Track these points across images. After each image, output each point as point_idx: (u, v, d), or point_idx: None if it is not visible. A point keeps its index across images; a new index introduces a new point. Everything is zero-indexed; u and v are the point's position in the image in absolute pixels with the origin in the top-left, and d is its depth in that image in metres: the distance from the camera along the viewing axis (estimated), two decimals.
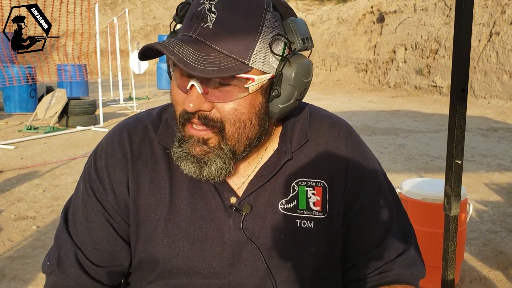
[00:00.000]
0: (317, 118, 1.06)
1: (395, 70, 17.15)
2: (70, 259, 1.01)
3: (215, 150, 0.89)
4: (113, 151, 1.01)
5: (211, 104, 0.87)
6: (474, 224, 4.15)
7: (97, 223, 1.01)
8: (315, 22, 22.87)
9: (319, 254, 1.01)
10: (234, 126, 0.88)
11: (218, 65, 0.81)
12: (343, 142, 1.03)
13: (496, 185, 5.39)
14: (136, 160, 1.00)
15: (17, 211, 4.53)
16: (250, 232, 0.97)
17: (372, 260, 1.04)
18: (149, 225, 0.99)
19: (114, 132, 1.04)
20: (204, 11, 0.83)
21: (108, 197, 1.00)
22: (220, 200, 0.98)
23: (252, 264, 0.98)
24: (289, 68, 0.87)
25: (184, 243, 0.97)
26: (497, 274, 3.26)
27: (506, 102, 12.38)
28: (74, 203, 1.05)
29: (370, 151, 1.09)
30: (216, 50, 0.83)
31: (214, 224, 0.97)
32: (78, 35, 11.65)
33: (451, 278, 1.77)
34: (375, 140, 8.07)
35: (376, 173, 1.06)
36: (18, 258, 3.51)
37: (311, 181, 1.00)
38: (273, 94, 0.89)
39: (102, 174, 1.00)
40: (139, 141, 1.01)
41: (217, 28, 0.82)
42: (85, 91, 14.19)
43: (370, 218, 1.04)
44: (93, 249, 1.01)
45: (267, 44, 0.85)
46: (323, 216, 0.99)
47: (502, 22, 13.52)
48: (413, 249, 1.07)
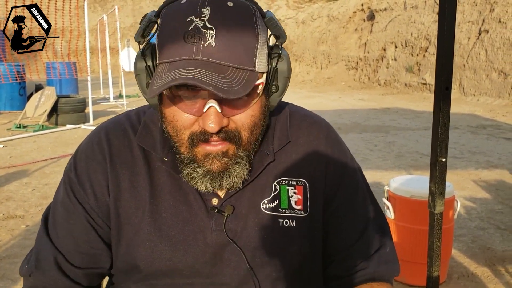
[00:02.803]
0: (297, 119, 1.07)
1: (385, 68, 17.21)
2: (49, 261, 1.00)
3: (234, 159, 0.90)
4: (92, 154, 1.00)
5: (227, 119, 0.87)
6: (462, 221, 4.19)
7: (78, 225, 1.00)
8: (305, 20, 22.87)
9: (302, 253, 1.01)
10: (250, 131, 0.90)
11: (240, 82, 0.81)
12: (322, 141, 1.05)
13: (484, 182, 5.43)
14: (115, 162, 0.99)
15: (6, 210, 4.50)
16: (232, 233, 0.98)
17: (350, 256, 1.06)
18: (130, 228, 0.98)
19: (94, 135, 1.04)
20: (198, 29, 0.81)
21: (89, 200, 0.99)
22: (202, 202, 0.98)
23: (234, 264, 0.98)
24: (281, 62, 0.91)
25: (166, 246, 0.97)
26: (485, 270, 3.29)
27: (495, 100, 12.47)
28: (55, 206, 1.04)
29: (348, 149, 1.11)
30: (228, 66, 0.82)
31: (196, 226, 0.97)
32: (67, 32, 11.58)
33: (436, 274, 1.79)
34: (365, 137, 8.10)
35: (354, 171, 1.09)
36: (7, 258, 3.49)
37: (292, 180, 1.01)
38: (273, 89, 0.92)
39: (82, 177, 0.99)
40: (118, 144, 1.01)
41: (220, 44, 0.81)
42: (74, 89, 14.13)
43: (349, 214, 1.06)
44: (74, 251, 1.00)
45: (265, 46, 0.88)
46: (304, 214, 1.01)
47: (491, 20, 13.60)
48: (389, 245, 1.09)
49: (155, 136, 1.00)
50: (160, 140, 0.99)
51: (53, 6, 9.23)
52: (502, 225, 4.11)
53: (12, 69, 10.97)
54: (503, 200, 4.77)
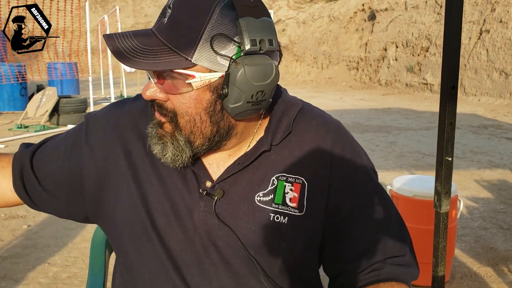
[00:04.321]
0: (308, 115, 1.04)
1: (386, 68, 17.21)
2: None
3: (168, 136, 0.94)
4: (114, 118, 1.08)
5: (166, 95, 0.91)
6: (465, 221, 4.18)
7: (55, 156, 1.08)
8: (306, 20, 22.88)
9: (292, 251, 0.99)
10: (184, 119, 0.91)
11: (157, 59, 0.85)
12: (329, 141, 1.01)
13: (486, 182, 5.43)
14: (129, 135, 1.05)
15: (8, 210, 4.50)
16: (222, 217, 0.97)
17: (363, 264, 1.01)
18: (127, 194, 1.01)
19: (126, 100, 1.12)
20: (166, 8, 0.89)
21: (83, 154, 1.05)
22: (197, 183, 0.98)
23: (224, 250, 0.97)
24: (236, 69, 0.85)
25: (162, 216, 0.99)
26: (488, 270, 3.29)
27: (496, 100, 12.46)
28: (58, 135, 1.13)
29: (364, 153, 1.07)
30: (163, 44, 0.86)
31: (186, 204, 0.98)
32: (68, 33, 11.59)
33: (441, 274, 1.78)
34: (367, 137, 8.10)
35: (368, 176, 1.04)
36: (9, 258, 3.49)
37: (291, 177, 0.98)
38: (222, 93, 0.88)
39: (91, 135, 1.06)
40: (137, 116, 1.07)
41: (168, 24, 0.87)
42: (76, 89, 14.12)
43: (361, 224, 1.01)
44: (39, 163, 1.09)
45: (217, 42, 0.85)
46: (299, 213, 0.98)
47: (492, 20, 13.60)
48: (409, 252, 1.04)
49: None
50: None
51: (55, 7, 9.24)
52: (505, 224, 4.11)
53: (13, 69, 10.98)
54: (505, 200, 4.76)
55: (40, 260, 3.44)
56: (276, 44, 0.89)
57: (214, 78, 0.87)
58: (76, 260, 3.47)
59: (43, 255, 3.53)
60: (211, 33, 0.84)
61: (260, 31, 0.85)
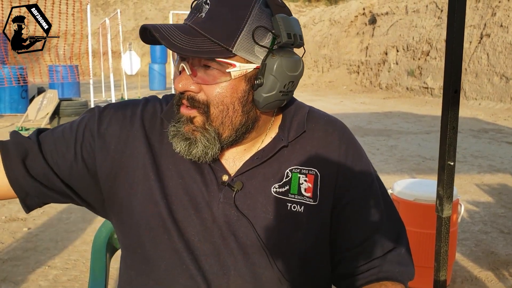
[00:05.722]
0: (315, 116, 1.11)
1: (387, 72, 17.22)
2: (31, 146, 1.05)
3: (199, 129, 0.96)
4: (124, 110, 1.09)
5: (199, 86, 0.94)
6: (466, 225, 4.18)
7: (64, 143, 1.05)
8: (307, 24, 22.91)
9: (307, 240, 1.03)
10: (218, 108, 0.94)
11: (200, 48, 0.89)
12: (336, 137, 1.09)
13: (487, 186, 5.43)
14: (147, 126, 1.07)
15: (8, 212, 4.50)
16: (240, 208, 1.01)
17: (361, 254, 1.06)
18: (146, 186, 1.02)
19: (136, 99, 1.14)
20: (201, 3, 0.93)
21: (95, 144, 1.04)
22: (214, 177, 1.02)
23: (243, 240, 1.00)
24: (273, 59, 0.93)
25: (179, 208, 1.01)
26: (488, 274, 3.28)
27: (497, 104, 12.46)
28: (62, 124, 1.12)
29: (364, 152, 1.13)
30: (203, 36, 0.90)
31: (206, 196, 1.01)
32: (70, 36, 11.62)
33: (443, 279, 1.78)
34: (367, 141, 8.10)
35: (367, 172, 1.10)
36: (9, 260, 3.48)
37: (304, 169, 1.04)
38: (257, 82, 0.95)
39: (103, 123, 1.06)
40: (153, 111, 1.09)
41: (207, 18, 0.91)
42: (76, 92, 14.12)
43: (357, 214, 1.07)
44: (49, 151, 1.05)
45: (258, 36, 0.92)
46: (313, 203, 1.03)
47: (492, 24, 13.61)
48: (404, 249, 1.09)
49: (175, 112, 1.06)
50: None
51: (57, 10, 9.26)
52: (505, 229, 4.11)
53: (15, 72, 10.98)
54: (506, 204, 4.76)
55: (40, 263, 3.44)
56: (303, 40, 0.98)
57: (250, 69, 0.94)
58: (76, 263, 3.46)
59: (43, 258, 3.53)
60: (252, 25, 0.91)
61: (293, 27, 0.94)
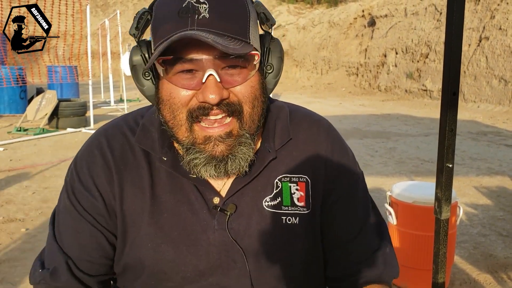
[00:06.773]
0: (298, 116, 1.06)
1: (386, 74, 17.23)
2: (62, 268, 0.97)
3: (239, 139, 0.89)
4: (94, 159, 0.98)
5: (227, 91, 0.85)
6: (464, 228, 4.18)
7: (87, 233, 0.97)
8: (306, 26, 22.93)
9: (306, 250, 1.00)
10: (251, 105, 0.89)
11: (235, 45, 0.81)
12: (323, 138, 1.04)
13: (485, 188, 5.43)
14: (119, 165, 0.98)
15: (6, 213, 4.49)
16: (235, 232, 0.96)
17: (345, 255, 1.04)
18: (134, 230, 0.96)
19: (93, 140, 1.02)
20: (191, 5, 0.82)
21: (98, 204, 0.97)
22: (203, 201, 0.96)
23: (241, 265, 0.96)
24: (273, 42, 0.93)
25: (169, 247, 0.95)
26: (487, 277, 3.28)
27: (496, 106, 12.48)
28: (59, 216, 1.02)
29: (349, 149, 1.10)
30: (223, 35, 0.82)
31: (198, 225, 0.95)
32: (69, 36, 11.61)
33: (441, 281, 1.77)
34: (366, 143, 8.10)
35: (353, 170, 1.07)
36: (7, 261, 3.47)
37: (294, 177, 0.99)
38: (268, 68, 0.93)
39: (88, 184, 0.97)
40: (119, 147, 0.99)
41: (214, 16, 0.82)
42: (75, 92, 14.12)
43: (344, 212, 1.03)
44: (84, 260, 0.98)
45: (256, 23, 0.90)
46: (307, 211, 0.99)
47: (491, 27, 13.63)
48: (388, 247, 1.07)
49: (154, 137, 0.98)
50: (158, 140, 0.97)
51: (56, 10, 9.26)
52: (504, 231, 4.10)
53: (14, 72, 10.98)
54: (504, 207, 4.76)
55: None
56: None
57: (258, 57, 0.89)
58: None
59: None
60: (252, 13, 0.88)
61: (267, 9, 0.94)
